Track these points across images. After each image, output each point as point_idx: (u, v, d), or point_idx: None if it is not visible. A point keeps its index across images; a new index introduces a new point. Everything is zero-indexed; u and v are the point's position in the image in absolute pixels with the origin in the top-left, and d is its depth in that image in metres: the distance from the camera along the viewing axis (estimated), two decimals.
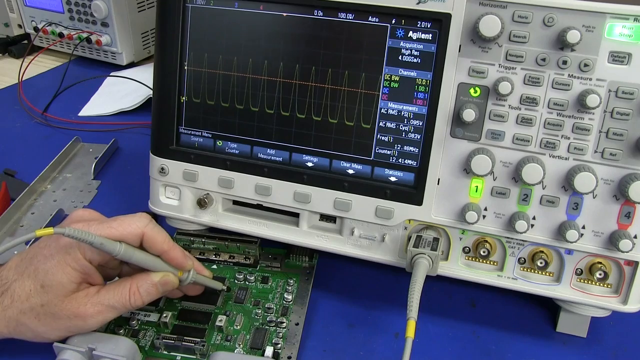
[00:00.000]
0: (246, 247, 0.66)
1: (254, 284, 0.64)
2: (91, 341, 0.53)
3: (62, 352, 0.53)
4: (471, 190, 0.57)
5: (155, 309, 0.61)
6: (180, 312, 0.61)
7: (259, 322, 0.60)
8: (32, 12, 1.29)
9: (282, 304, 0.62)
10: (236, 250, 0.67)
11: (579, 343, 0.62)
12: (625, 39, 0.50)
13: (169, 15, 0.62)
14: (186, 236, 0.67)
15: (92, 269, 0.53)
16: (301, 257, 0.67)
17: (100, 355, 0.53)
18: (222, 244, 0.67)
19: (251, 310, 0.61)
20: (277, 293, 0.63)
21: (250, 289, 0.63)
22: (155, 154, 0.66)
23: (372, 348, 0.60)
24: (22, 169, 0.86)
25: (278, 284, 0.64)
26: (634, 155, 0.53)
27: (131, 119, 1.03)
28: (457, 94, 0.55)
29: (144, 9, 1.25)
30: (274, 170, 0.62)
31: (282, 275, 0.65)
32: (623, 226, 0.55)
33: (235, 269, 0.66)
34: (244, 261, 0.67)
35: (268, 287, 0.64)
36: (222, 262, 0.67)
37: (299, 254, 0.67)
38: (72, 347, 0.53)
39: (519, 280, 0.60)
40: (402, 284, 0.55)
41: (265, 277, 0.65)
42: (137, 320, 0.59)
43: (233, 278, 0.65)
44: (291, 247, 0.67)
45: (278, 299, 0.62)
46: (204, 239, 0.67)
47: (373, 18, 0.56)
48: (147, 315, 0.60)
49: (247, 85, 0.61)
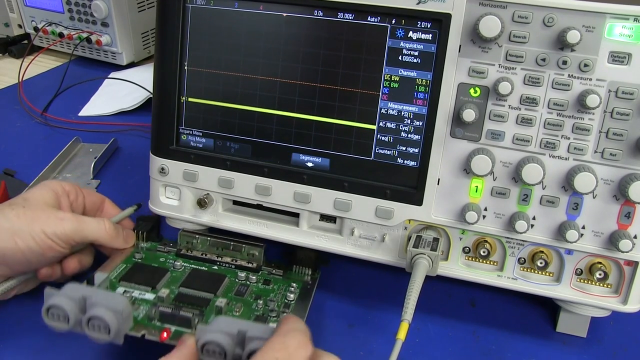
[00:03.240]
0: (250, 249, 0.65)
1: (256, 284, 0.63)
2: (86, 291, 0.50)
3: (52, 297, 0.49)
4: (471, 191, 0.57)
5: (152, 289, 0.59)
6: (177, 295, 0.59)
7: (259, 312, 0.58)
8: (32, 12, 1.29)
9: (284, 301, 0.60)
10: (240, 253, 0.65)
11: (579, 343, 0.62)
12: (625, 39, 0.50)
13: (169, 15, 0.62)
14: (190, 235, 0.66)
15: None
16: (304, 269, 0.65)
17: (94, 304, 0.49)
18: (226, 243, 0.66)
19: (252, 302, 0.59)
20: (279, 294, 0.62)
21: (252, 287, 0.62)
22: (155, 154, 0.66)
23: (372, 348, 0.60)
24: (21, 169, 0.86)
25: (280, 287, 0.63)
26: (634, 156, 0.53)
27: (131, 119, 1.03)
28: (457, 94, 0.55)
29: (144, 9, 1.25)
30: (274, 170, 0.62)
31: (284, 281, 0.63)
32: (623, 226, 0.55)
33: (236, 271, 0.65)
34: (247, 265, 0.65)
35: (270, 288, 0.62)
36: (224, 263, 0.65)
37: (302, 265, 0.65)
38: (65, 293, 0.50)
39: (519, 280, 0.60)
40: (402, 284, 0.55)
41: (267, 280, 0.63)
42: (132, 297, 0.58)
43: (234, 277, 0.64)
44: (294, 260, 0.65)
45: (280, 297, 0.61)
46: (209, 239, 0.66)
47: (373, 18, 0.56)
48: (143, 294, 0.59)
49: (247, 85, 0.61)
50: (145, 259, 0.65)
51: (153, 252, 0.67)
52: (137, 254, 0.65)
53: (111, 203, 0.70)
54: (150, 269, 0.63)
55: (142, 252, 0.66)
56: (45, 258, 0.58)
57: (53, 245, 0.58)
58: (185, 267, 0.64)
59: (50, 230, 0.57)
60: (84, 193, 0.67)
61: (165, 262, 0.65)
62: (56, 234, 0.58)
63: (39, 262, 0.59)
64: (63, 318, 0.49)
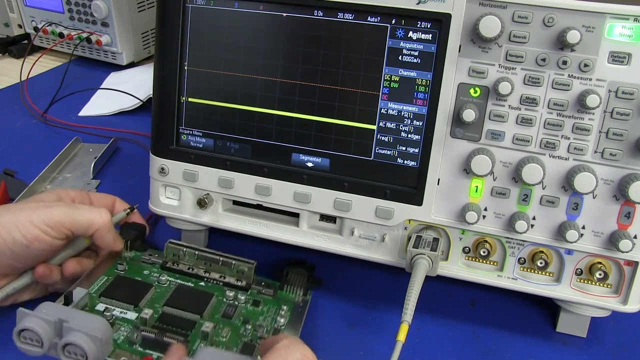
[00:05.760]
0: (240, 266, 0.62)
1: (245, 305, 0.59)
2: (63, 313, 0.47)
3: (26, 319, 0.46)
4: (471, 191, 0.57)
5: (134, 307, 0.56)
6: (161, 316, 0.56)
7: (247, 337, 0.55)
8: (32, 12, 1.29)
9: (274, 326, 0.57)
10: (229, 269, 0.62)
11: (579, 343, 0.62)
12: (625, 39, 0.50)
13: (169, 15, 0.62)
14: (177, 247, 0.63)
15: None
16: (296, 289, 0.62)
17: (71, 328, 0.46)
18: (215, 258, 0.62)
19: (240, 326, 0.56)
20: (268, 317, 0.58)
21: (240, 309, 0.58)
22: (155, 154, 0.66)
23: (372, 348, 0.60)
24: (21, 169, 0.86)
25: (270, 309, 0.59)
26: (634, 156, 0.53)
27: (131, 119, 1.03)
28: (457, 94, 0.55)
29: (144, 9, 1.25)
30: (274, 170, 0.62)
31: (274, 302, 0.60)
32: (623, 226, 0.55)
33: (225, 289, 0.61)
34: (236, 283, 0.61)
35: (259, 310, 0.59)
36: (212, 280, 0.61)
37: (293, 285, 0.62)
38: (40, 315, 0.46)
39: (519, 280, 0.60)
40: (402, 284, 0.55)
41: (257, 301, 0.60)
42: (112, 316, 0.55)
43: (222, 296, 0.60)
44: (285, 279, 0.63)
45: (269, 321, 0.57)
46: (196, 252, 0.63)
47: (373, 18, 0.56)
48: (124, 312, 0.55)
49: (247, 85, 0.61)
50: (129, 272, 0.61)
51: (137, 262, 0.63)
52: (120, 265, 0.62)
53: (121, 202, 0.68)
54: (133, 283, 0.60)
55: (125, 263, 0.62)
56: (31, 251, 0.56)
57: (40, 235, 0.55)
58: (171, 283, 0.61)
59: (37, 218, 0.55)
60: (92, 198, 0.66)
61: (149, 275, 0.61)
62: (44, 221, 0.56)
63: (26, 256, 0.56)
64: (37, 342, 0.46)
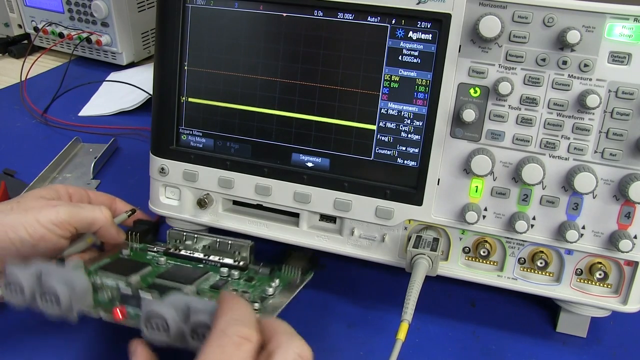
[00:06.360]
0: (238, 246, 0.63)
1: (237, 280, 0.60)
2: (45, 267, 0.50)
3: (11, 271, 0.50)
4: (471, 191, 0.57)
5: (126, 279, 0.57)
6: (150, 285, 0.57)
7: None
8: (32, 12, 1.29)
9: (261, 295, 0.57)
10: (227, 251, 0.64)
11: (579, 343, 0.62)
12: (625, 39, 0.50)
13: (169, 15, 0.62)
14: (178, 233, 0.66)
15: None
16: (294, 270, 0.62)
17: (49, 276, 0.49)
18: (213, 241, 0.64)
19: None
20: (258, 288, 0.59)
21: (231, 283, 0.60)
22: (155, 154, 0.66)
23: (371, 348, 0.60)
24: (21, 168, 0.86)
25: (263, 284, 0.60)
26: (634, 156, 0.53)
27: (131, 119, 1.03)
28: (457, 94, 0.55)
29: (144, 9, 1.25)
30: (274, 170, 0.62)
31: (269, 279, 0.61)
32: (623, 226, 0.55)
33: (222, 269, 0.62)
34: (234, 264, 0.63)
35: (251, 284, 0.60)
36: (211, 262, 0.63)
37: (293, 266, 0.62)
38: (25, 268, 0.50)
39: (519, 280, 0.60)
40: (402, 284, 0.55)
41: (251, 277, 0.61)
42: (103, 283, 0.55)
43: (217, 273, 0.61)
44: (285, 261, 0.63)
45: (258, 291, 0.58)
46: (196, 236, 0.65)
47: (373, 18, 0.56)
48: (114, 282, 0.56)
49: (247, 85, 0.61)
50: (132, 257, 0.64)
51: (143, 252, 0.65)
52: (125, 250, 0.64)
53: (122, 202, 0.69)
54: (133, 263, 0.62)
55: (131, 251, 0.65)
56: (37, 251, 0.57)
57: (47, 234, 0.56)
58: (169, 264, 0.63)
59: (44, 218, 0.56)
60: (91, 195, 0.66)
61: (151, 259, 0.64)
62: (51, 220, 0.56)
63: (32, 254, 0.56)
64: (20, 291, 0.49)
